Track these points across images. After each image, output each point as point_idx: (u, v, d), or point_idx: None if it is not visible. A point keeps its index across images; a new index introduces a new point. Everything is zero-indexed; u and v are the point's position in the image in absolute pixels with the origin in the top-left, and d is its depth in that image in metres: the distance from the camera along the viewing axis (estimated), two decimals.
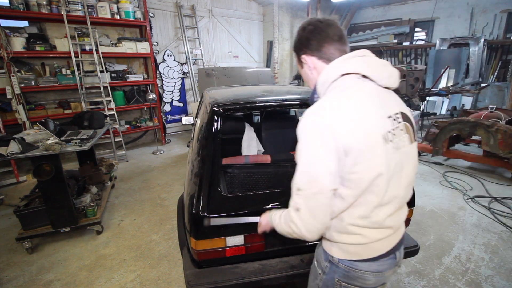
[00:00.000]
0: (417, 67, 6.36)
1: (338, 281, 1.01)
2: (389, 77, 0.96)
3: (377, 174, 0.86)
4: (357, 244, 0.95)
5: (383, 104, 0.92)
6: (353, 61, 0.93)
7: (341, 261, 0.98)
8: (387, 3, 9.26)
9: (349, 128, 0.83)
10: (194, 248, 1.55)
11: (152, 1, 6.09)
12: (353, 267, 0.97)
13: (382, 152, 0.86)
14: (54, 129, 2.78)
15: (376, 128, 0.87)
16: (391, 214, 0.95)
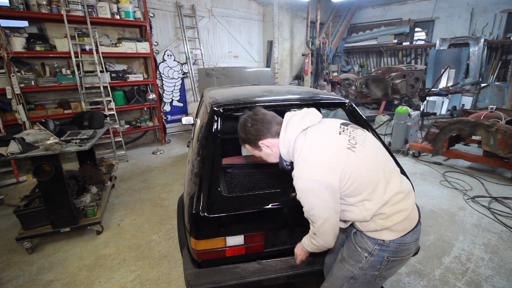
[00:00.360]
0: (417, 67, 6.36)
1: (387, 258, 1.20)
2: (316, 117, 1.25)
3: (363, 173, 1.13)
4: (403, 220, 1.16)
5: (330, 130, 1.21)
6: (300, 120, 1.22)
7: (392, 241, 1.17)
8: (387, 3, 9.27)
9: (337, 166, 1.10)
10: (194, 248, 1.55)
11: (152, 1, 6.09)
12: (403, 243, 1.18)
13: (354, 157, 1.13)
14: (54, 129, 2.78)
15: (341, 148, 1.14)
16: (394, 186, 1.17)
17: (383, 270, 1.23)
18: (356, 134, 1.21)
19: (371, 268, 1.23)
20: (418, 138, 5.30)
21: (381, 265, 1.21)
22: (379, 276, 1.25)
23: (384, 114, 6.80)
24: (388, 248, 1.19)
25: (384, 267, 1.22)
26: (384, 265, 1.21)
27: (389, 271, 1.26)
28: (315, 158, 1.13)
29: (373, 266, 1.22)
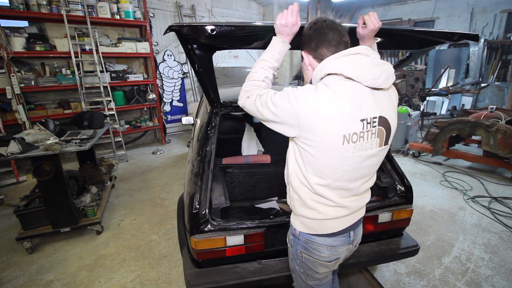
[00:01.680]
0: (417, 67, 6.36)
1: (300, 252, 1.17)
2: (376, 79, 0.96)
3: (325, 164, 1.00)
4: (313, 220, 1.10)
5: (361, 107, 0.96)
6: (340, 61, 0.97)
7: (302, 233, 1.14)
8: (387, 3, 9.26)
9: (311, 114, 0.94)
10: (194, 247, 1.55)
11: (152, 1, 6.09)
12: (310, 240, 1.12)
13: (336, 148, 0.96)
14: (54, 129, 2.78)
15: (337, 128, 0.94)
16: (346, 197, 1.09)
17: (305, 268, 1.19)
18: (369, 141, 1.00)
19: (295, 261, 1.22)
20: (418, 138, 5.30)
21: (299, 260, 1.19)
22: (306, 274, 1.20)
23: None
24: (299, 241, 1.16)
25: (302, 264, 1.18)
26: (301, 261, 1.18)
27: (311, 272, 1.18)
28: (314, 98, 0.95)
29: (295, 259, 1.22)
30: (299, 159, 1.06)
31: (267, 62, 1.11)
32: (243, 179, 2.44)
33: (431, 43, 1.54)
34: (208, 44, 1.25)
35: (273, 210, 2.19)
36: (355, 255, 1.79)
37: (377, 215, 1.81)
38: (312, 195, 1.08)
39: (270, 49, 1.12)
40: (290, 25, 1.07)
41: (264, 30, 1.23)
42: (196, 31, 1.14)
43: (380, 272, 2.31)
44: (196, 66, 1.46)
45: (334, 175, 1.02)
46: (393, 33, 1.40)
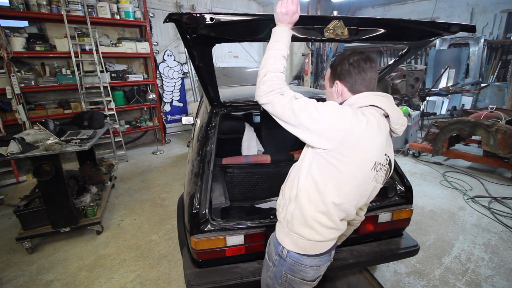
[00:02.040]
0: (417, 67, 6.36)
1: (285, 273, 1.16)
2: (402, 125, 1.09)
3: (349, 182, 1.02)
4: (308, 240, 1.09)
5: (387, 143, 1.07)
6: (382, 99, 1.06)
7: (289, 254, 1.13)
8: (387, 3, 9.27)
9: (359, 134, 0.96)
10: (194, 247, 1.55)
11: (152, 1, 6.09)
12: (299, 262, 1.12)
13: (364, 171, 1.01)
14: (54, 129, 2.78)
15: (372, 154, 1.01)
16: (342, 220, 1.12)
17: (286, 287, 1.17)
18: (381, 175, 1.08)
19: (275, 280, 1.19)
20: (418, 138, 5.30)
21: (281, 280, 1.17)
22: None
23: None
24: (285, 263, 1.14)
25: (285, 283, 1.17)
26: (285, 281, 1.16)
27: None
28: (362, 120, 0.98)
29: (276, 278, 1.19)
30: (317, 174, 1.03)
31: (282, 51, 1.07)
32: (243, 179, 2.44)
33: (428, 35, 1.53)
34: (207, 36, 1.25)
35: (273, 210, 2.19)
36: (355, 255, 1.79)
37: (377, 215, 1.81)
38: (317, 215, 1.06)
39: (280, 38, 1.07)
40: (290, 13, 1.05)
41: (264, 20, 1.21)
42: (195, 20, 1.13)
43: (380, 272, 2.31)
44: (195, 61, 1.45)
45: (350, 196, 1.05)
46: (389, 24, 1.39)
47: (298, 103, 0.98)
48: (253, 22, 1.23)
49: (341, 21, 1.23)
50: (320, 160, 1.02)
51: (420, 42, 1.65)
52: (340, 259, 1.76)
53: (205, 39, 1.28)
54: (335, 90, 1.14)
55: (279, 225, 1.20)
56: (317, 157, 1.03)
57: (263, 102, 1.03)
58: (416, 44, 1.73)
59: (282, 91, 1.01)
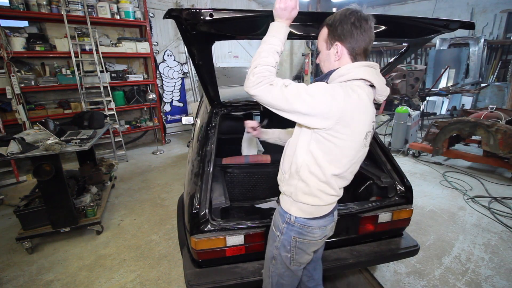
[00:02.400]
0: (417, 67, 6.36)
1: (294, 238, 1.23)
2: (385, 95, 1.15)
3: (346, 155, 1.11)
4: (313, 206, 1.18)
5: (373, 111, 1.14)
6: (371, 71, 1.09)
7: (297, 219, 1.20)
8: (387, 3, 9.27)
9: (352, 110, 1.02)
10: (194, 247, 1.55)
11: (152, 1, 6.09)
12: (306, 225, 1.20)
13: (358, 142, 1.10)
14: (54, 129, 2.78)
15: (364, 126, 1.10)
16: (341, 187, 1.22)
17: (294, 253, 1.25)
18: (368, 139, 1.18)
19: (283, 248, 1.26)
20: (418, 138, 5.30)
21: (290, 246, 1.24)
22: (292, 259, 1.26)
23: (384, 114, 6.81)
24: (294, 228, 1.22)
25: (293, 248, 1.24)
26: (293, 246, 1.24)
27: (300, 255, 1.26)
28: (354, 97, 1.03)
29: (284, 246, 1.26)
30: (316, 150, 1.11)
31: (276, 47, 1.08)
32: (243, 179, 2.44)
33: (427, 32, 1.53)
34: (207, 32, 1.25)
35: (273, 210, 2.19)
36: (355, 255, 1.79)
37: (377, 215, 1.81)
38: (320, 184, 1.15)
39: (276, 34, 1.09)
40: (289, 8, 1.06)
41: (263, 16, 1.21)
42: (194, 16, 1.13)
43: (380, 272, 2.31)
44: (195, 59, 1.45)
45: (347, 165, 1.14)
46: (388, 21, 1.39)
47: (290, 91, 1.00)
48: (253, 18, 1.23)
49: None
50: (318, 138, 1.08)
51: (419, 39, 1.65)
52: (340, 259, 1.76)
53: (204, 36, 1.28)
54: (334, 52, 1.12)
55: (283, 196, 1.27)
56: (315, 135, 1.09)
57: (253, 94, 1.04)
58: (415, 42, 1.73)
59: (271, 81, 1.02)
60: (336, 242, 1.84)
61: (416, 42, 1.75)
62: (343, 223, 1.82)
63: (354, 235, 1.85)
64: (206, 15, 1.13)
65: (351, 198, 2.29)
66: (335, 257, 1.78)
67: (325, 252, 1.80)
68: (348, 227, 1.84)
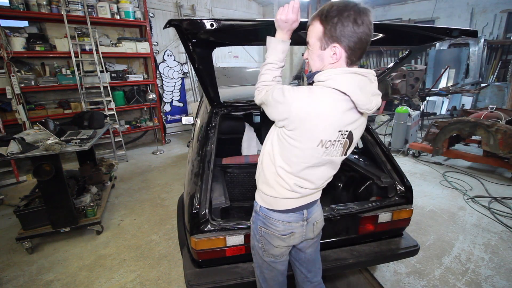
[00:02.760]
0: (417, 67, 6.36)
1: (260, 227, 1.28)
2: (370, 109, 1.05)
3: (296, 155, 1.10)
4: (269, 196, 1.23)
5: (343, 120, 1.05)
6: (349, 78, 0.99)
7: (261, 209, 1.27)
8: (387, 3, 9.26)
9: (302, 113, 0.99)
10: (194, 247, 1.55)
11: (152, 1, 6.09)
12: (268, 215, 1.25)
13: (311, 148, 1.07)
14: (54, 129, 2.78)
15: (318, 132, 1.03)
16: (304, 187, 1.19)
17: (263, 243, 1.29)
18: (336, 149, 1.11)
19: (254, 237, 1.33)
20: (418, 138, 5.30)
21: (258, 235, 1.29)
22: (263, 250, 1.30)
23: (384, 114, 6.81)
24: (259, 217, 1.28)
25: (261, 238, 1.29)
26: (261, 235, 1.28)
27: (268, 246, 1.29)
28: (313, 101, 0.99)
29: (254, 235, 1.32)
30: (276, 143, 1.16)
31: (274, 65, 1.16)
32: (243, 179, 2.44)
33: (429, 40, 1.53)
34: (207, 40, 1.25)
35: None
36: (355, 255, 1.79)
37: (377, 215, 1.81)
38: (274, 175, 1.19)
39: (274, 52, 1.15)
40: (290, 21, 1.07)
41: (264, 26, 1.22)
42: (195, 25, 1.14)
43: (380, 272, 2.31)
44: (196, 64, 1.46)
45: (298, 166, 1.13)
46: (391, 29, 1.39)
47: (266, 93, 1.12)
48: (254, 27, 1.23)
49: None
50: (278, 131, 1.14)
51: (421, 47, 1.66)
52: (340, 259, 1.76)
53: (205, 43, 1.28)
54: (330, 54, 1.00)
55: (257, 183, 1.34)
56: (277, 130, 1.16)
57: (258, 105, 1.23)
58: (417, 48, 1.74)
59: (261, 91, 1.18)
60: (336, 242, 1.84)
61: (418, 48, 1.75)
62: (343, 223, 1.82)
63: (354, 235, 1.85)
64: (207, 25, 1.13)
65: (351, 198, 2.29)
66: (335, 257, 1.78)
67: (325, 252, 1.80)
68: (348, 227, 1.84)
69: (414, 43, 1.59)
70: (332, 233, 1.82)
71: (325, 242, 1.80)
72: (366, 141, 2.25)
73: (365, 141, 2.26)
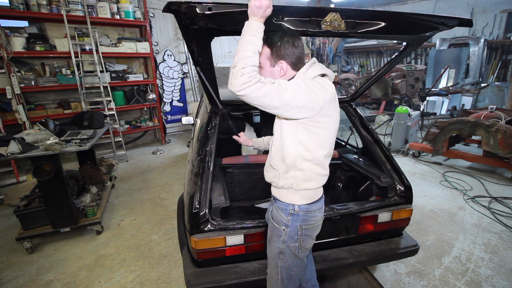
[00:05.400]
0: (417, 67, 6.36)
1: (300, 227, 1.31)
2: (333, 76, 1.35)
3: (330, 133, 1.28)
4: (313, 190, 1.31)
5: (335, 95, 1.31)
6: (319, 66, 1.29)
7: (301, 208, 1.30)
8: (387, 3, 9.27)
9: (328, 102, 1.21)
10: (194, 247, 1.55)
11: (152, 1, 6.09)
12: (309, 210, 1.31)
13: (336, 123, 1.30)
14: (54, 129, 2.78)
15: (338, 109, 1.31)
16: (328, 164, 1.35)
17: (301, 241, 1.33)
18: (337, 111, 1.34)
19: (290, 239, 1.33)
20: (418, 138, 5.30)
21: (297, 235, 1.32)
22: (300, 247, 1.34)
23: (384, 114, 6.81)
24: (299, 217, 1.30)
25: (300, 237, 1.32)
26: (300, 235, 1.32)
27: (307, 242, 1.35)
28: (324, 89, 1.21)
29: (291, 237, 1.32)
30: (304, 138, 1.23)
31: (258, 47, 1.14)
32: (243, 179, 2.44)
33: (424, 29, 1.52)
34: (206, 28, 1.25)
35: None
36: (355, 255, 1.79)
37: (377, 215, 1.81)
38: (314, 168, 1.27)
39: (257, 33, 1.13)
40: (264, 7, 1.08)
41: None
42: (193, 9, 1.14)
43: (380, 272, 2.31)
44: (195, 55, 1.46)
45: (331, 143, 1.31)
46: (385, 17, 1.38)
47: (278, 87, 1.11)
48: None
49: (338, 14, 1.24)
50: (304, 127, 1.21)
51: (417, 37, 1.65)
52: (340, 259, 1.76)
53: (203, 31, 1.28)
54: (278, 69, 1.27)
55: (281, 191, 1.33)
56: (300, 126, 1.22)
57: (243, 94, 1.09)
58: (413, 40, 1.72)
59: (260, 79, 1.09)
60: (336, 242, 1.84)
61: (414, 40, 1.74)
62: (343, 222, 1.82)
63: (354, 235, 1.85)
64: (205, 9, 1.13)
65: (351, 198, 2.29)
66: (335, 257, 1.78)
67: (325, 252, 1.81)
68: (348, 227, 1.84)
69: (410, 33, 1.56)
70: (332, 233, 1.82)
71: (325, 242, 1.80)
72: (366, 141, 2.25)
73: (365, 141, 2.26)
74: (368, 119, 3.13)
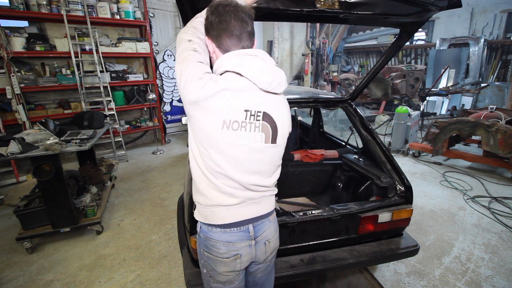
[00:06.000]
0: (417, 67, 6.37)
1: (203, 251, 1.13)
2: (270, 83, 1.00)
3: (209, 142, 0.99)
4: (205, 206, 1.07)
5: (247, 100, 0.99)
6: (239, 60, 0.99)
7: (202, 229, 1.12)
8: None
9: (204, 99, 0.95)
10: (194, 247, 1.55)
11: (152, 1, 6.09)
12: (208, 236, 1.09)
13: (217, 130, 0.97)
14: (54, 129, 2.78)
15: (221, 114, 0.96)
16: (232, 187, 1.05)
17: (208, 268, 1.14)
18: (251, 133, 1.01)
19: (200, 261, 1.18)
20: (418, 138, 5.30)
21: (202, 260, 1.16)
22: (209, 275, 1.15)
23: (384, 114, 6.81)
24: (201, 239, 1.14)
25: (206, 264, 1.14)
26: (204, 261, 1.14)
27: (215, 273, 1.13)
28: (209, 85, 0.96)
29: (199, 260, 1.18)
30: (192, 138, 1.06)
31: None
32: None
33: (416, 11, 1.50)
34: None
35: None
36: (355, 255, 1.79)
37: (377, 215, 1.81)
38: (203, 178, 1.05)
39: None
40: None
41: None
42: None
43: (380, 272, 2.31)
44: None
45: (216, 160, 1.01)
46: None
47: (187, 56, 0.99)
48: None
49: None
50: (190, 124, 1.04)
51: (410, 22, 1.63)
52: (340, 259, 1.76)
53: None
54: (209, 50, 1.06)
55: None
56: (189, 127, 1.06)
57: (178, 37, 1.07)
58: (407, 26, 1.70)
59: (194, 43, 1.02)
60: (336, 242, 1.84)
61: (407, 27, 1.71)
62: (343, 223, 1.82)
63: (354, 235, 1.85)
64: None
65: (351, 198, 2.29)
66: (335, 257, 1.78)
67: (325, 252, 1.81)
68: (348, 227, 1.84)
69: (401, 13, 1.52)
70: (332, 233, 1.82)
71: (325, 242, 1.80)
72: (366, 141, 2.24)
73: (365, 141, 2.26)
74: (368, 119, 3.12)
